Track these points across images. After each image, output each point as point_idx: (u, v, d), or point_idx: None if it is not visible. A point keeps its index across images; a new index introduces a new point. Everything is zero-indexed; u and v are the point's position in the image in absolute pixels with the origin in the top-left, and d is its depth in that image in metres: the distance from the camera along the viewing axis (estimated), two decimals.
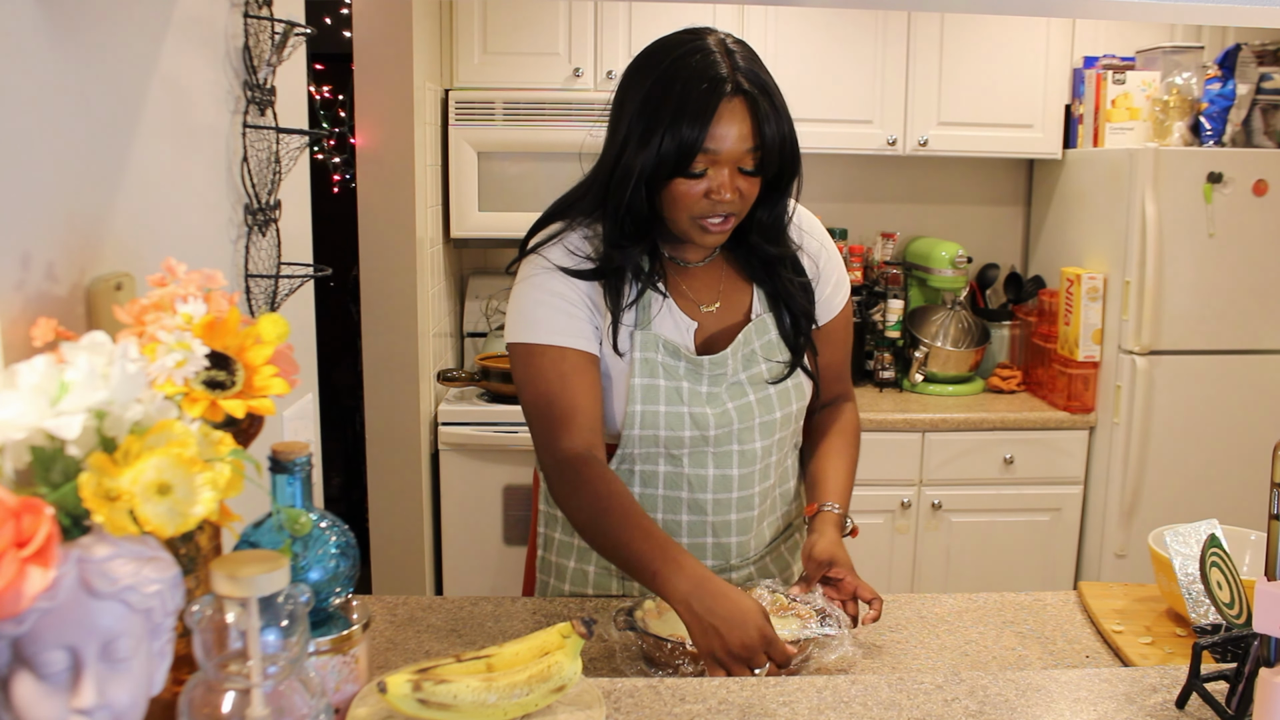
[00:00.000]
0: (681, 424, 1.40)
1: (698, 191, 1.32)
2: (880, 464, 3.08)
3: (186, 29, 1.23)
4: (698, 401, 1.41)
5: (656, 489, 1.44)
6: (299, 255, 1.62)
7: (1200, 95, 3.01)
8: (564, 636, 1.05)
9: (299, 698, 0.82)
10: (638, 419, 1.40)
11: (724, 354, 1.43)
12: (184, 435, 0.75)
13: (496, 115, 3.10)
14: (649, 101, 1.31)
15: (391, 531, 3.05)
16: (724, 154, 1.30)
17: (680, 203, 1.33)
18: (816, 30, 3.20)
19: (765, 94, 1.32)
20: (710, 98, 1.28)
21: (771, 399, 1.45)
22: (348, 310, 4.09)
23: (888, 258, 3.48)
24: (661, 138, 1.29)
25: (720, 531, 1.45)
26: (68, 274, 0.97)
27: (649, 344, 1.40)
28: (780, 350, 1.47)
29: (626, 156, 1.33)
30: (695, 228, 1.36)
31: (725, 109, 1.29)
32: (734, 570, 1.48)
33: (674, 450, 1.42)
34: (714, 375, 1.42)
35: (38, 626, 0.70)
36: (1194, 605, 1.30)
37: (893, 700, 1.09)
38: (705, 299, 1.46)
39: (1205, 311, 2.95)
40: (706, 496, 1.43)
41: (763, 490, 1.47)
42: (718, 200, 1.32)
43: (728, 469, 1.43)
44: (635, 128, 1.32)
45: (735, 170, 1.32)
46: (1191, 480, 3.01)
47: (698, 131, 1.28)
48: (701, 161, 1.31)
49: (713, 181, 1.32)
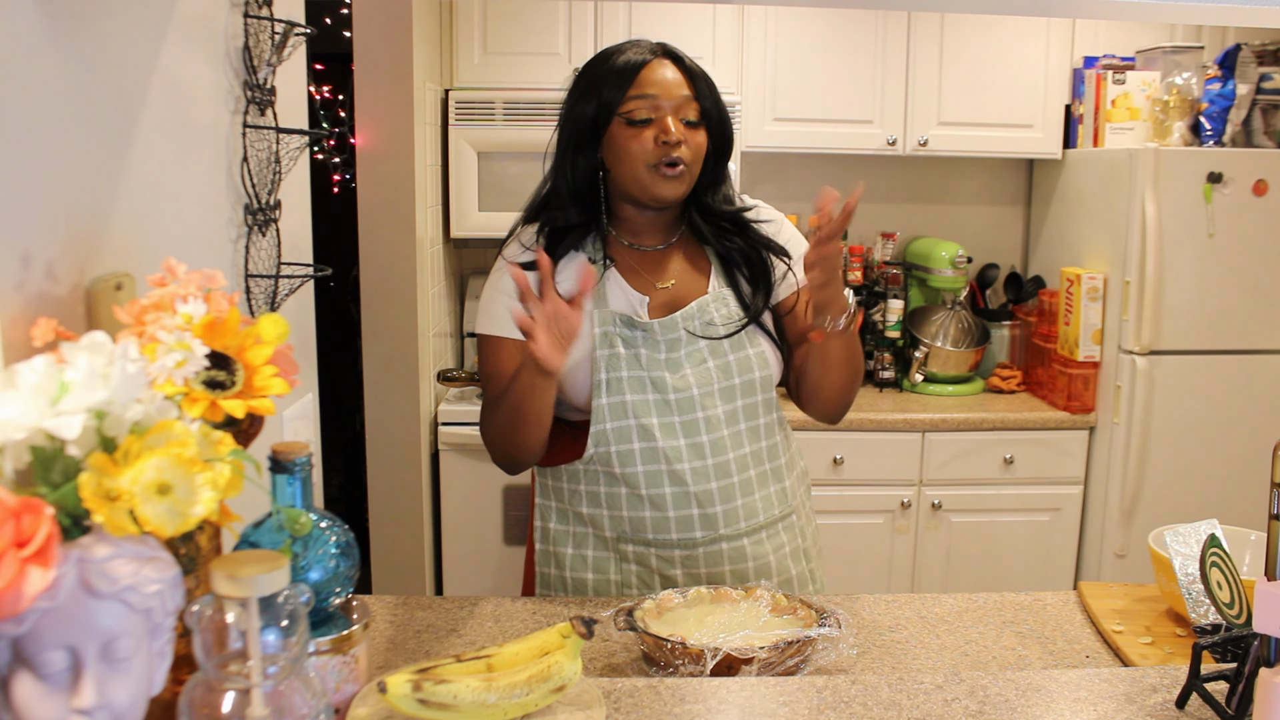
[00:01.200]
0: (644, 387, 1.48)
1: (646, 137, 1.45)
2: (880, 464, 3.08)
3: (186, 29, 1.23)
4: (656, 366, 1.49)
5: (636, 466, 1.48)
6: (299, 255, 1.62)
7: (1200, 95, 3.01)
8: (564, 636, 1.05)
9: (299, 698, 0.82)
10: (604, 387, 1.47)
11: (674, 317, 1.50)
12: (184, 435, 0.75)
13: (496, 115, 3.10)
14: (581, 78, 1.51)
15: (391, 531, 3.05)
16: (662, 96, 1.45)
17: (634, 153, 1.46)
18: (816, 30, 3.20)
19: (689, 60, 1.50)
20: (634, 59, 1.47)
21: (731, 365, 1.51)
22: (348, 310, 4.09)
23: (888, 258, 3.48)
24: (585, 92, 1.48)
25: (703, 501, 1.49)
26: (68, 274, 0.97)
27: (605, 318, 1.49)
28: (740, 317, 1.53)
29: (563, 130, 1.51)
30: (652, 177, 1.46)
31: (652, 63, 1.47)
32: (725, 540, 1.51)
33: (643, 419, 1.47)
34: (670, 340, 1.50)
35: (38, 626, 0.70)
36: (1194, 605, 1.30)
37: (893, 700, 1.09)
38: (660, 278, 1.55)
39: (1205, 311, 2.95)
40: (684, 467, 1.48)
41: (738, 458, 1.51)
42: (667, 142, 1.44)
43: (696, 436, 1.49)
44: (571, 100, 1.50)
45: (678, 120, 1.46)
46: (1191, 480, 3.01)
47: (625, 78, 1.45)
48: (643, 106, 1.45)
49: (659, 126, 1.45)
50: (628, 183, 1.49)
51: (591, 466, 1.51)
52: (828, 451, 3.05)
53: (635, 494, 1.49)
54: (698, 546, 1.50)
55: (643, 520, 1.50)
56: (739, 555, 1.52)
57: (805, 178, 3.56)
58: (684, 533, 1.49)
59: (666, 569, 1.52)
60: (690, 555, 1.51)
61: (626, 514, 1.51)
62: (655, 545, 1.51)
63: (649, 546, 1.51)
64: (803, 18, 3.19)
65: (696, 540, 1.50)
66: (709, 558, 1.51)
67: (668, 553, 1.51)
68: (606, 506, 1.52)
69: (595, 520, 1.53)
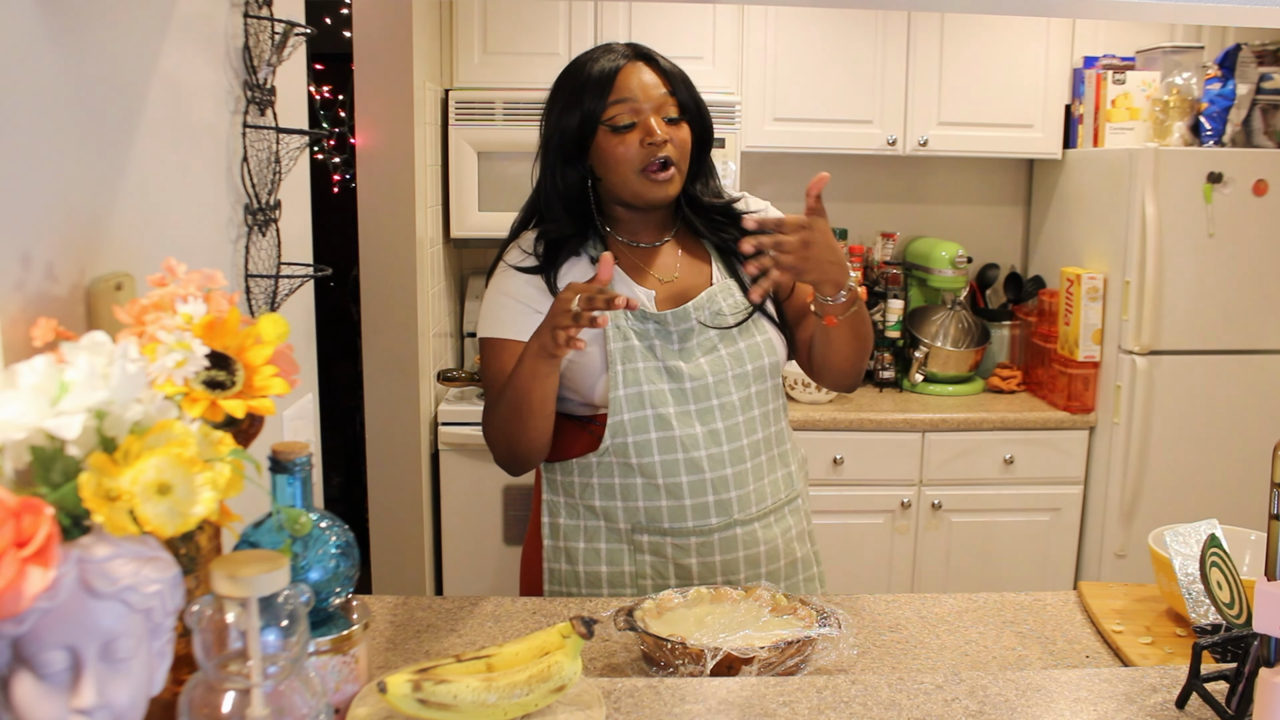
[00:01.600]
0: (660, 377, 1.50)
1: (631, 142, 1.46)
2: (880, 464, 3.08)
3: (186, 29, 1.23)
4: (670, 356, 1.51)
5: (653, 456, 1.50)
6: (299, 255, 1.62)
7: (1200, 95, 3.01)
8: (564, 636, 1.05)
9: (299, 698, 0.82)
10: (620, 378, 1.48)
11: (685, 308, 1.52)
12: (184, 435, 0.75)
13: (496, 115, 3.10)
14: (556, 94, 1.53)
15: (391, 531, 3.05)
16: (642, 99, 1.46)
17: (621, 160, 1.47)
18: (816, 30, 3.20)
19: (665, 61, 1.51)
20: (608, 66, 1.48)
21: (742, 353, 1.53)
22: (348, 310, 4.09)
23: (888, 258, 3.48)
24: (565, 105, 1.49)
25: (719, 488, 1.51)
26: (68, 274, 0.97)
27: (615, 315, 1.49)
28: (746, 306, 1.56)
29: (548, 144, 1.52)
30: (642, 181, 1.48)
31: (627, 68, 1.48)
32: (739, 525, 1.53)
33: (660, 409, 1.48)
34: (682, 331, 1.52)
35: (38, 626, 0.70)
36: (1194, 605, 1.30)
37: (893, 700, 1.09)
38: (662, 273, 1.57)
39: (1205, 311, 2.95)
40: (700, 454, 1.50)
41: (752, 444, 1.54)
42: (653, 143, 1.46)
43: (712, 423, 1.51)
44: (554, 114, 1.52)
45: (660, 118, 1.47)
46: (1191, 480, 3.01)
47: (602, 87, 1.47)
48: (624, 112, 1.46)
49: (643, 129, 1.46)
50: (619, 189, 1.51)
51: (605, 459, 1.52)
52: (828, 451, 3.05)
53: (652, 484, 1.51)
54: (713, 533, 1.52)
55: (659, 510, 1.52)
56: (751, 540, 1.54)
57: (805, 178, 3.49)
58: (700, 520, 1.51)
59: (682, 557, 1.53)
60: (705, 542, 1.52)
61: (642, 504, 1.52)
62: (671, 534, 1.52)
63: (665, 536, 1.53)
64: (803, 18, 3.19)
65: (712, 526, 1.52)
66: (724, 544, 1.53)
67: (683, 540, 1.52)
68: (621, 498, 1.53)
69: (608, 513, 1.54)
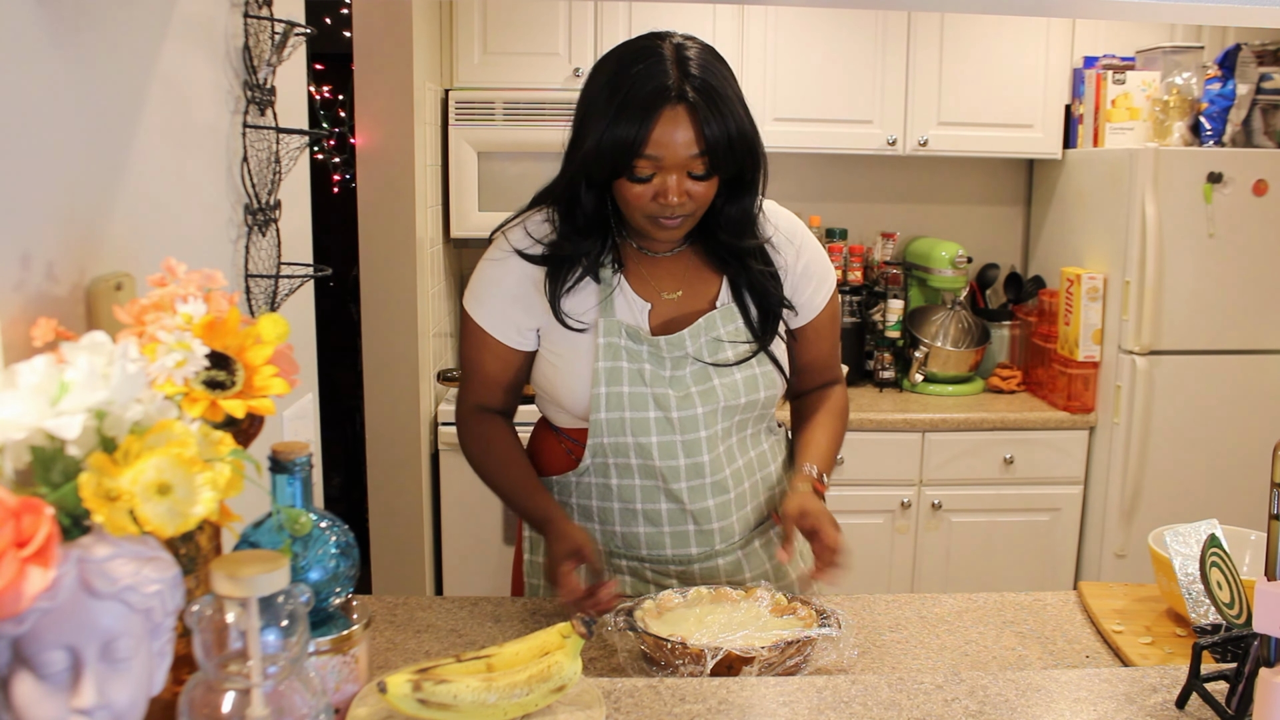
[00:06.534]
0: (645, 404, 1.43)
1: (646, 194, 1.36)
2: (880, 464, 3.08)
3: (186, 29, 1.23)
4: (660, 383, 1.44)
5: (632, 480, 1.46)
6: (299, 255, 1.62)
7: (1200, 95, 3.01)
8: (564, 636, 1.05)
9: (299, 698, 0.82)
10: (603, 401, 1.43)
11: (681, 335, 1.45)
12: (184, 435, 0.75)
13: (496, 115, 3.10)
14: (595, 103, 1.37)
15: (391, 531, 3.05)
16: (667, 160, 1.33)
17: (632, 204, 1.38)
18: (816, 30, 3.20)
19: (712, 99, 1.33)
20: (650, 105, 1.31)
21: (737, 385, 1.46)
22: (348, 310, 4.09)
23: (888, 258, 3.48)
24: (601, 138, 1.34)
25: (700, 519, 1.47)
26: (68, 274, 0.97)
27: (611, 329, 1.44)
28: (747, 337, 1.49)
29: (574, 155, 1.40)
30: (649, 224, 1.40)
31: (666, 115, 1.32)
32: (721, 556, 1.49)
33: (640, 439, 1.43)
34: (675, 358, 1.45)
35: (38, 626, 0.70)
36: (1194, 605, 1.30)
37: (893, 700, 1.09)
38: (666, 287, 1.49)
39: (1205, 311, 2.95)
40: (680, 485, 1.45)
41: (734, 472, 1.49)
42: (665, 204, 1.36)
43: (698, 456, 1.45)
44: (581, 128, 1.39)
45: (684, 175, 1.35)
46: (1191, 480, 3.01)
47: (634, 134, 1.32)
48: (647, 166, 1.34)
49: (660, 186, 1.35)
50: (627, 218, 1.44)
51: (585, 479, 1.48)
52: None
53: (629, 508, 1.47)
54: (693, 563, 1.48)
55: (636, 536, 1.48)
56: (735, 568, 1.50)
57: (805, 178, 3.56)
58: (679, 549, 1.47)
59: (663, 581, 1.49)
60: (686, 571, 1.49)
61: (619, 529, 1.48)
62: (650, 561, 1.49)
63: (643, 562, 1.49)
64: (803, 18, 3.19)
65: (692, 556, 1.48)
66: (705, 573, 1.49)
67: (663, 567, 1.49)
68: (599, 520, 1.49)
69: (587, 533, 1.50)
